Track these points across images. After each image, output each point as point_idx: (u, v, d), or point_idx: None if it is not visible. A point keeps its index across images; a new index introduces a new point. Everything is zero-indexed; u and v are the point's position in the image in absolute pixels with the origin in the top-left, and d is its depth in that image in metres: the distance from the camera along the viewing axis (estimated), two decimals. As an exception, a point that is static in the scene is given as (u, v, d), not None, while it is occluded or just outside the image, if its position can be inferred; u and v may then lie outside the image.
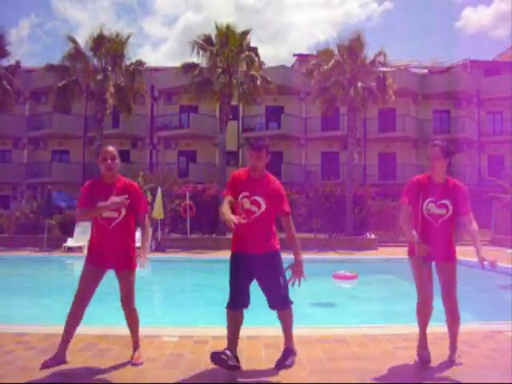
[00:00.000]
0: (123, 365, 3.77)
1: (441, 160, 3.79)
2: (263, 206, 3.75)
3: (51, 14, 72.53)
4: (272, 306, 3.83)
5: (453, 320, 3.89)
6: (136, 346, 3.96)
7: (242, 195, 3.77)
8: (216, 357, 3.57)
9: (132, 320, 3.91)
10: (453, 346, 3.96)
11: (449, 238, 3.87)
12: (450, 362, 3.84)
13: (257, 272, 3.79)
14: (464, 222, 3.84)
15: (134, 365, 3.76)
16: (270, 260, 3.79)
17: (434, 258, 3.81)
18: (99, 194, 3.69)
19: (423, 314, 3.82)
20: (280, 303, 3.81)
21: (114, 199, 3.66)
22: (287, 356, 3.84)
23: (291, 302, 3.86)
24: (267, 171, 3.92)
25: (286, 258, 3.82)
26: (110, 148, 3.80)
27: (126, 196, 3.70)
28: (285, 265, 3.84)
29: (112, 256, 3.74)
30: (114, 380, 3.45)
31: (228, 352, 3.61)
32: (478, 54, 79.38)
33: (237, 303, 3.77)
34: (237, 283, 3.79)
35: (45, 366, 3.52)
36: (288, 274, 3.79)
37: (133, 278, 3.83)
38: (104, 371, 3.63)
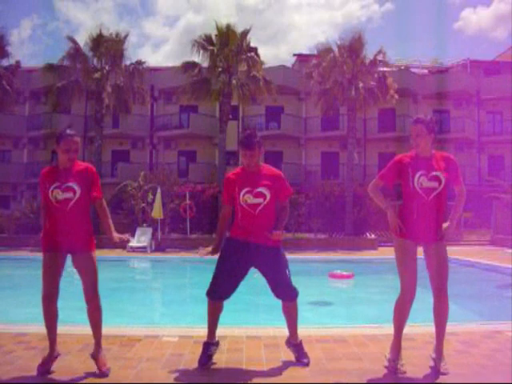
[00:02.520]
0: (123, 365, 3.76)
1: (426, 137, 3.59)
2: (268, 196, 3.73)
3: (54, 15, 72.52)
4: (278, 296, 3.80)
5: (442, 319, 3.60)
6: (99, 348, 3.63)
7: (243, 192, 3.72)
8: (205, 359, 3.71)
9: (96, 314, 3.62)
10: (439, 352, 3.63)
11: (441, 215, 3.59)
12: (435, 371, 3.55)
13: (260, 264, 3.75)
14: (455, 192, 3.69)
15: (102, 373, 3.47)
16: (275, 253, 3.76)
17: (422, 238, 3.57)
18: (56, 180, 3.57)
19: (403, 308, 3.56)
20: (287, 294, 3.78)
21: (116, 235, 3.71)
22: (303, 354, 3.82)
23: (297, 294, 3.82)
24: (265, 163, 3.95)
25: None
26: (76, 139, 3.62)
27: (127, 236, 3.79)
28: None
29: (68, 239, 3.56)
30: (114, 380, 3.45)
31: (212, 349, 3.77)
32: (478, 54, 79.36)
33: (220, 293, 3.72)
34: (228, 270, 3.70)
35: (41, 370, 3.50)
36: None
37: (94, 263, 3.62)
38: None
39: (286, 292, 3.77)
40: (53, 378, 3.46)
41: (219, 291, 3.70)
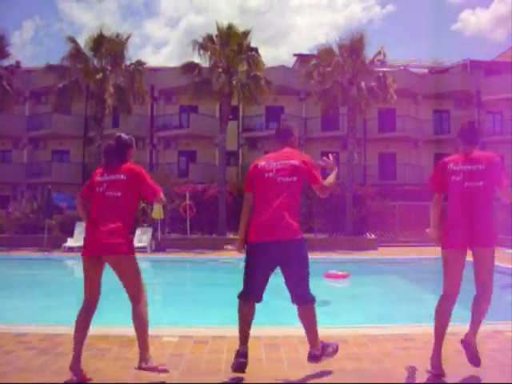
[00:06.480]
0: (123, 365, 3.76)
1: None
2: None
3: (57, 17, 72.34)
4: (292, 300, 3.62)
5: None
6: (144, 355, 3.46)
7: None
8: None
9: (135, 321, 3.54)
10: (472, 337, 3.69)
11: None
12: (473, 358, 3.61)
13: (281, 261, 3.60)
14: None
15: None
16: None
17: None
18: None
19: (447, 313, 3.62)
20: (299, 297, 3.59)
21: None
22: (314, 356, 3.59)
23: (312, 299, 3.61)
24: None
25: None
26: None
27: None
28: None
29: None
30: (114, 380, 3.45)
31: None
32: (477, 56, 79.21)
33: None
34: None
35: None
36: None
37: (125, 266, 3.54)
38: (104, 371, 3.62)
39: (296, 294, 3.59)
40: (53, 378, 3.46)
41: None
